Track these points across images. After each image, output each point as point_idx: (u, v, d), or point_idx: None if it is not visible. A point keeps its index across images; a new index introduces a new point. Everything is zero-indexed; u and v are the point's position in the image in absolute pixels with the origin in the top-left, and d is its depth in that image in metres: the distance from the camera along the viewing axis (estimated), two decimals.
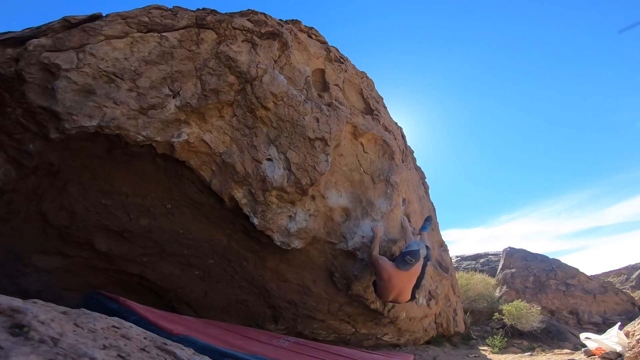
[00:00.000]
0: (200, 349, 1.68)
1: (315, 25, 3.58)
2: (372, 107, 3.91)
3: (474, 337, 6.45)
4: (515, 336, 6.39)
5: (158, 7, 2.51)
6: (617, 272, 10.87)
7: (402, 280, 3.22)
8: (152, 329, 1.87)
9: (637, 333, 3.22)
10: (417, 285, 3.46)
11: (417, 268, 3.27)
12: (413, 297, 3.46)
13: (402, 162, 4.11)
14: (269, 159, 2.84)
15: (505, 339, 5.95)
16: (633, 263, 10.68)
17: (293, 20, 3.39)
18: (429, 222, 4.27)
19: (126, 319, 1.88)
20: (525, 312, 6.47)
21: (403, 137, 4.88)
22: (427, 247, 3.66)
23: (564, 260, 9.84)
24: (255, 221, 2.85)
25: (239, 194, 2.81)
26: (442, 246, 5.92)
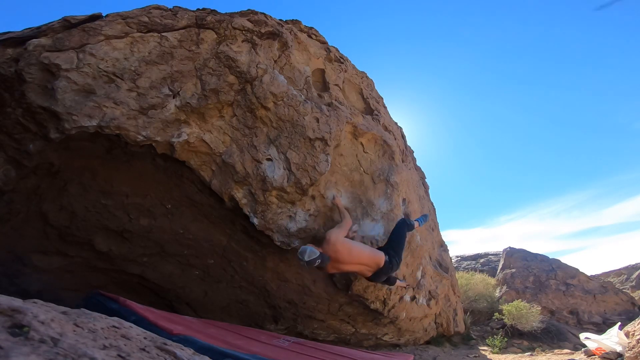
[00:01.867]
0: (200, 349, 1.68)
1: (315, 25, 3.58)
2: (372, 107, 3.91)
3: (474, 337, 6.45)
4: (515, 336, 6.39)
5: (158, 7, 2.51)
6: (617, 272, 10.87)
7: (329, 266, 2.80)
8: (152, 329, 1.88)
9: (637, 333, 3.22)
10: (392, 247, 3.09)
11: (342, 246, 2.75)
12: (389, 258, 2.97)
13: (402, 162, 4.11)
14: (269, 159, 2.84)
15: (505, 339, 5.95)
16: (633, 263, 10.68)
17: (293, 20, 3.39)
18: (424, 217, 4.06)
19: (126, 318, 1.86)
20: (525, 312, 6.47)
21: (403, 137, 4.88)
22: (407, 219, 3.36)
23: (564, 260, 9.88)
24: (255, 221, 2.85)
25: (239, 194, 2.81)
26: (442, 246, 5.92)
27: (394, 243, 3.16)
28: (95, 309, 2.34)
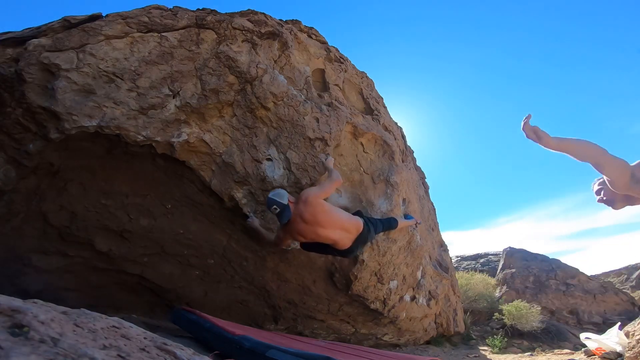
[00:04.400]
0: (254, 343, 2.20)
1: (315, 25, 3.58)
2: (372, 107, 3.90)
3: (474, 337, 6.45)
4: (515, 336, 6.39)
5: (158, 7, 2.51)
6: (617, 272, 10.86)
7: (302, 229, 2.54)
8: (220, 331, 2.47)
9: (637, 333, 3.22)
10: (367, 216, 2.97)
11: (311, 207, 2.46)
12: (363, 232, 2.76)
13: (402, 162, 4.11)
14: (269, 159, 2.84)
15: (505, 339, 5.95)
16: (633, 263, 10.67)
17: (293, 20, 3.39)
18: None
19: (203, 324, 2.64)
20: (525, 312, 6.47)
21: (403, 137, 4.88)
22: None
23: (562, 261, 9.86)
24: (256, 221, 2.85)
25: (239, 194, 2.81)
26: (442, 246, 5.92)
27: (370, 217, 3.08)
28: (180, 320, 2.79)
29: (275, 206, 2.41)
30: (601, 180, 1.99)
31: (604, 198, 1.97)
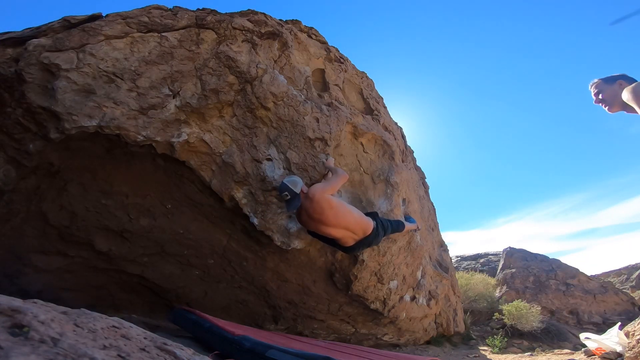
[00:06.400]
0: (254, 343, 2.22)
1: (315, 25, 3.58)
2: (372, 107, 3.90)
3: (474, 337, 6.45)
4: (515, 336, 6.39)
5: (158, 7, 2.51)
6: (617, 272, 10.86)
7: (306, 221, 2.62)
8: (220, 331, 2.49)
9: (637, 333, 3.21)
10: (381, 220, 2.92)
11: (319, 202, 2.47)
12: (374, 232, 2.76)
13: (402, 162, 4.11)
14: (269, 159, 2.84)
15: (505, 339, 5.95)
16: (633, 263, 10.68)
17: (293, 20, 3.39)
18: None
19: (202, 324, 2.65)
20: (525, 312, 6.47)
21: (403, 137, 4.88)
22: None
23: (562, 261, 9.86)
24: (256, 221, 2.85)
25: (239, 194, 2.80)
26: (442, 246, 5.92)
27: (383, 220, 3.07)
28: (180, 320, 2.80)
29: (286, 192, 2.46)
30: (598, 82, 1.99)
31: (602, 98, 1.96)
